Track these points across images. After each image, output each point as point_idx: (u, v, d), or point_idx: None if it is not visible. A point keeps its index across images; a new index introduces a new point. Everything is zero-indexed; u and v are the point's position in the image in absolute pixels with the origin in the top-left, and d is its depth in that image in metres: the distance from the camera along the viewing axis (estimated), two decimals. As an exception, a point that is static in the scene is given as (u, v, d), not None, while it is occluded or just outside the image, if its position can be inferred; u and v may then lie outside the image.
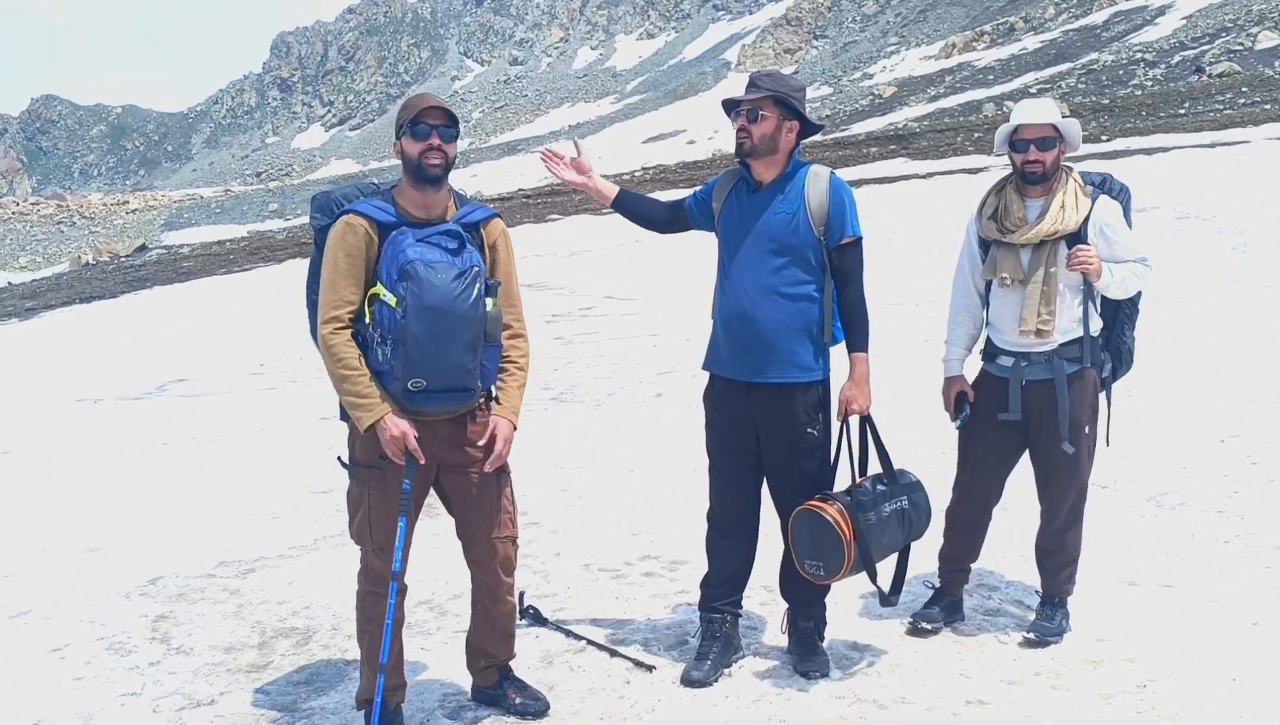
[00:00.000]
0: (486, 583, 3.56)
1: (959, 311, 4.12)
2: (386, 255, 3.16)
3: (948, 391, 4.13)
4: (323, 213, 3.37)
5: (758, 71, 3.81)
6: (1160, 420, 6.53)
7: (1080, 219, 3.81)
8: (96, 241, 53.08)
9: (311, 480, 6.63)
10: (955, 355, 4.12)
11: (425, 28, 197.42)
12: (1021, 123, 3.86)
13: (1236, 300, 9.65)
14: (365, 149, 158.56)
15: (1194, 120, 27.88)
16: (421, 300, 3.09)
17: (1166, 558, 4.60)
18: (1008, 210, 3.91)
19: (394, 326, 3.11)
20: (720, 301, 3.85)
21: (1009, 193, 3.95)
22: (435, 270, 3.12)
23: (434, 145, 3.23)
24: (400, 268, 3.11)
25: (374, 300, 3.16)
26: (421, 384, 3.15)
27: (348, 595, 4.70)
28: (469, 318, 3.17)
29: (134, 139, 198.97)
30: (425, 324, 3.10)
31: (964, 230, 4.13)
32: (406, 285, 3.09)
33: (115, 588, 4.98)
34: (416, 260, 3.11)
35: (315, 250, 3.42)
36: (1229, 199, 15.39)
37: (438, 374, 3.16)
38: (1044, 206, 3.85)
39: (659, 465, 6.47)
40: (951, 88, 73.17)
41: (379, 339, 3.15)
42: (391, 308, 3.11)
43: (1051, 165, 3.84)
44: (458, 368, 3.19)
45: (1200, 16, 67.83)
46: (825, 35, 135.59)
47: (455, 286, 3.14)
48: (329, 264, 3.21)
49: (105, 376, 11.51)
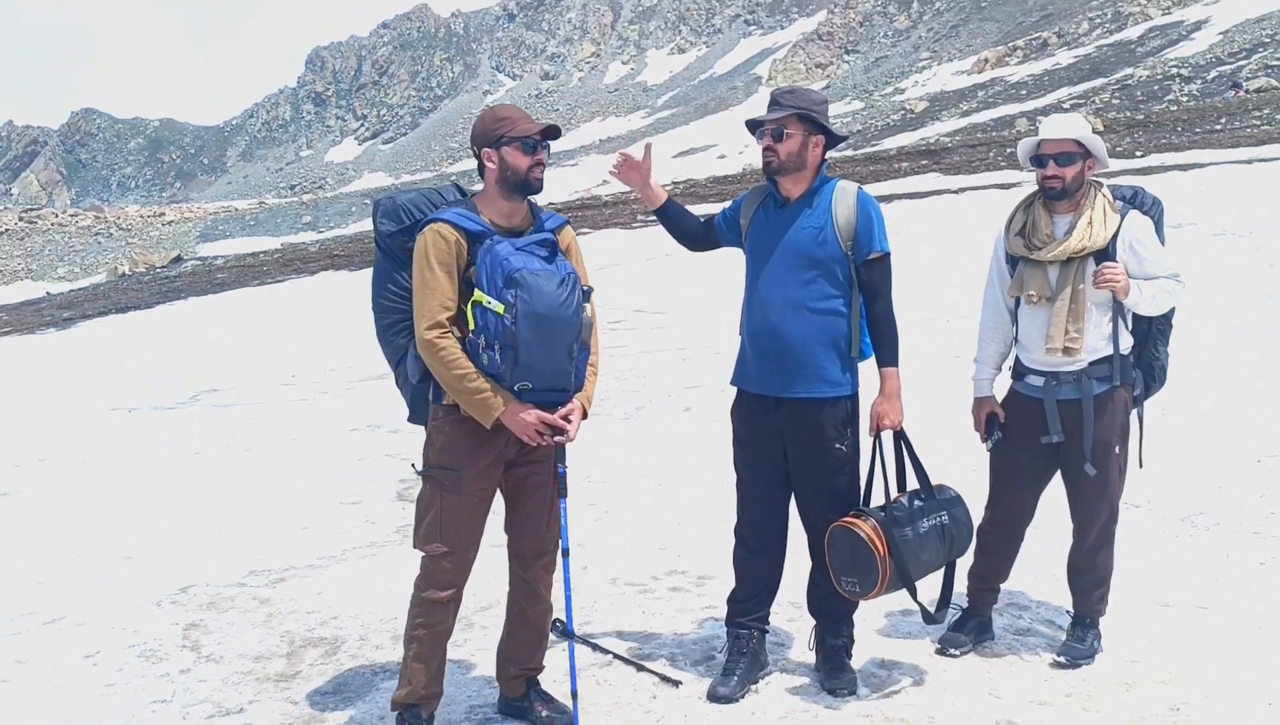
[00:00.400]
0: (527, 579, 3.62)
1: (988, 329, 4.09)
2: (485, 263, 3.23)
3: (978, 412, 4.09)
4: (390, 219, 3.44)
5: (778, 89, 3.81)
6: (1195, 439, 6.45)
7: (1108, 235, 3.75)
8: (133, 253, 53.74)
9: (341, 491, 6.67)
10: (985, 374, 4.09)
11: (458, 42, 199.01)
12: (1042, 138, 3.83)
13: (1273, 317, 9.53)
14: (397, 162, 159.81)
15: (1230, 136, 27.58)
16: (532, 307, 3.19)
17: (1201, 578, 4.54)
18: (1035, 226, 3.87)
19: (502, 332, 3.20)
20: (748, 317, 3.85)
21: (1037, 208, 3.91)
22: (541, 278, 3.23)
23: (541, 160, 3.37)
24: (507, 275, 3.19)
25: (476, 307, 3.23)
26: (528, 386, 3.28)
27: (376, 606, 4.75)
28: (573, 323, 3.30)
29: (171, 152, 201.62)
30: (535, 329, 3.21)
31: (993, 245, 4.10)
32: (515, 292, 3.18)
33: (147, 595, 5.03)
34: (523, 268, 3.21)
35: (381, 256, 3.51)
36: (1266, 215, 15.21)
37: (544, 377, 3.29)
38: (1072, 222, 3.80)
39: (687, 479, 6.46)
40: (984, 102, 72.82)
41: (484, 344, 3.23)
42: (499, 315, 3.19)
43: (1072, 181, 3.79)
44: (561, 371, 3.33)
45: (1237, 31, 67.16)
46: (857, 50, 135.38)
47: (560, 293, 3.26)
48: (422, 271, 3.28)
49: (140, 386, 11.65)
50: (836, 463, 3.75)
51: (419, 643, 3.47)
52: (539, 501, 3.54)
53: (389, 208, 3.47)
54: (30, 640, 4.58)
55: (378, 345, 3.60)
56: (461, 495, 3.37)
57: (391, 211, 3.45)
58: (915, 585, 3.65)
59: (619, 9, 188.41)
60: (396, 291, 3.47)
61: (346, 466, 7.28)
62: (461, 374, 3.26)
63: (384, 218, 3.45)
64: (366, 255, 26.31)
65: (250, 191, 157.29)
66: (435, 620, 3.46)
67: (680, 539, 5.43)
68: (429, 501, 3.42)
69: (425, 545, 3.43)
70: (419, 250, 3.29)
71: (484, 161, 3.37)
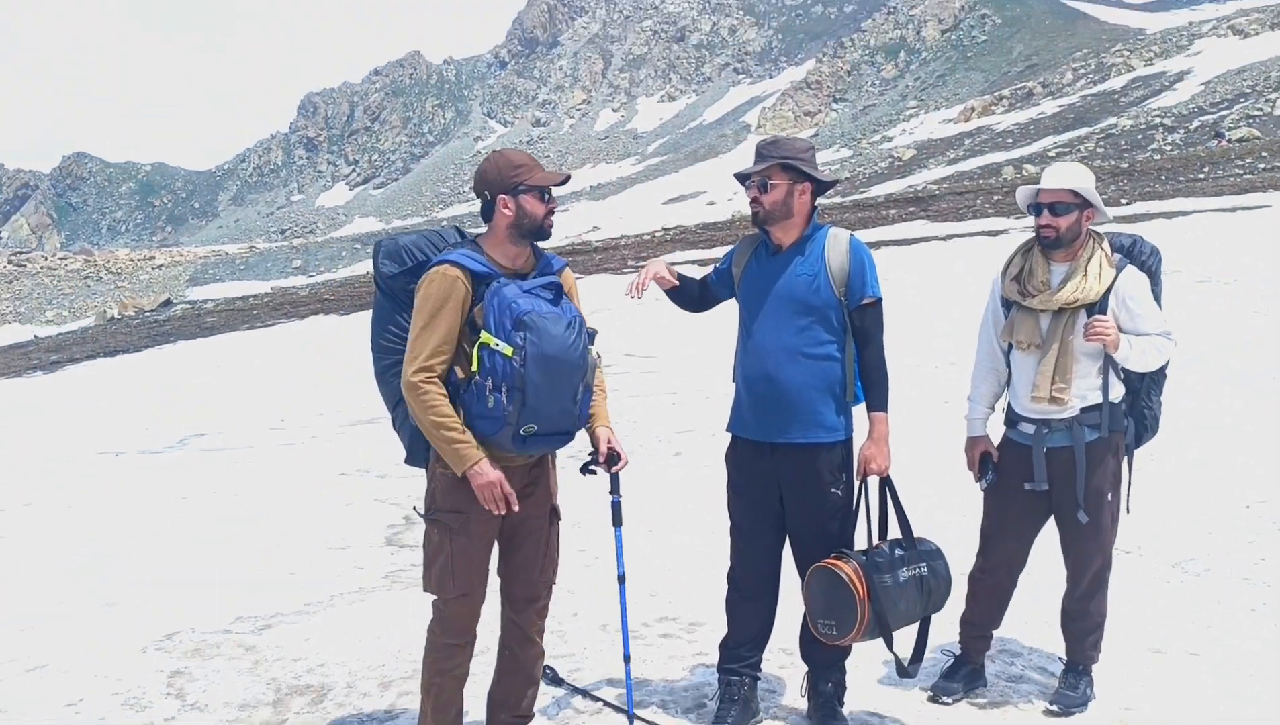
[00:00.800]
0: (519, 623, 3.60)
1: (983, 368, 4.10)
2: (493, 305, 3.24)
3: (971, 451, 4.10)
4: (393, 260, 3.45)
5: (762, 141, 3.87)
6: (1185, 485, 6.46)
7: (1101, 290, 3.75)
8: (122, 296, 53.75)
9: (330, 536, 6.63)
10: (978, 414, 4.10)
11: (450, 89, 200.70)
12: (1040, 187, 3.85)
13: (1260, 364, 9.59)
14: (388, 207, 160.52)
15: (1214, 184, 27.93)
16: (541, 349, 3.20)
17: (1193, 625, 4.54)
18: (1032, 272, 3.88)
19: (510, 374, 3.20)
20: (743, 363, 3.87)
21: (1035, 255, 3.91)
22: (549, 320, 3.25)
23: (554, 207, 3.44)
24: (516, 318, 3.21)
25: (483, 348, 3.23)
26: (533, 429, 3.28)
27: (364, 653, 4.70)
28: (580, 365, 3.33)
29: (162, 196, 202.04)
30: (544, 372, 3.22)
31: (988, 287, 4.11)
32: (524, 335, 3.19)
33: (132, 642, 4.97)
34: (532, 311, 3.23)
35: (381, 296, 3.52)
36: (1249, 263, 15.37)
37: (550, 419, 3.30)
38: (1068, 272, 3.81)
39: (677, 525, 6.44)
40: (970, 151, 73.67)
41: (491, 386, 3.22)
42: (507, 357, 3.19)
43: (1067, 231, 3.78)
44: (567, 413, 3.35)
45: (1218, 82, 68.27)
46: (844, 99, 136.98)
47: (568, 336, 3.28)
48: (425, 312, 3.28)
49: (127, 430, 11.58)
50: (832, 507, 3.76)
51: (438, 690, 3.46)
52: (535, 544, 3.54)
53: (391, 249, 3.48)
54: (11, 688, 4.51)
55: (374, 387, 3.60)
56: (470, 537, 3.37)
57: (394, 252, 3.46)
58: (892, 634, 3.64)
59: (610, 57, 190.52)
60: (397, 332, 3.47)
61: (335, 511, 7.24)
62: (440, 421, 3.25)
63: (386, 259, 3.46)
64: (356, 299, 26.33)
65: (241, 236, 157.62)
66: (454, 664, 3.45)
67: (671, 585, 5.40)
68: (438, 546, 3.40)
69: (439, 590, 3.41)
70: (423, 291, 3.29)
71: (499, 207, 3.37)
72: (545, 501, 3.54)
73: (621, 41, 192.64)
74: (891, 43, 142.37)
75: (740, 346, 3.90)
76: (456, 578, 3.38)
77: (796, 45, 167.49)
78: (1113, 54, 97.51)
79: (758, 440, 3.80)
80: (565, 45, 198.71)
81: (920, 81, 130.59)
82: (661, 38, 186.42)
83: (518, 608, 3.59)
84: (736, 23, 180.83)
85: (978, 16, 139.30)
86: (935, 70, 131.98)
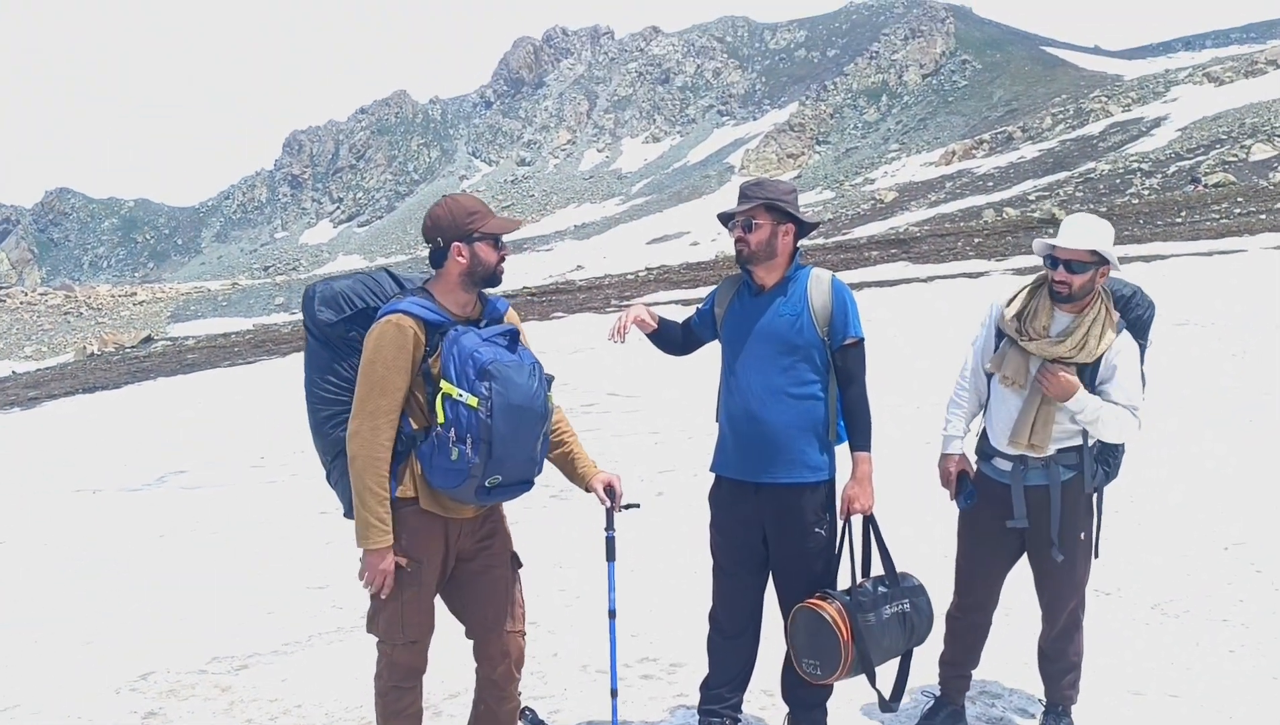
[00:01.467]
0: (494, 679, 3.53)
1: (966, 389, 4.07)
2: (453, 355, 3.15)
3: (946, 467, 4.04)
4: (330, 307, 3.32)
5: (746, 182, 3.90)
6: (1163, 527, 6.50)
7: (1099, 353, 3.72)
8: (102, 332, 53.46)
9: (309, 576, 6.58)
10: (956, 431, 4.06)
11: (435, 128, 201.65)
12: (1057, 245, 3.75)
13: (1236, 407, 9.68)
14: (373, 245, 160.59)
15: (1191, 229, 28.27)
16: (507, 399, 3.13)
17: (1172, 666, 4.54)
18: (1035, 314, 3.83)
19: (475, 426, 3.11)
20: (727, 403, 3.87)
21: (1043, 296, 3.85)
22: (512, 369, 3.18)
23: (505, 254, 3.37)
24: (479, 368, 3.12)
25: (446, 400, 3.13)
26: (499, 480, 3.20)
27: (342, 694, 4.66)
28: (543, 413, 3.27)
29: (145, 232, 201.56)
30: (510, 422, 3.14)
31: (972, 325, 4.10)
32: (489, 385, 3.11)
33: (106, 682, 4.91)
34: (496, 360, 3.15)
35: (317, 345, 3.37)
36: (1226, 306, 15.55)
37: (515, 469, 3.23)
38: (1071, 325, 3.75)
39: (659, 565, 6.42)
40: (952, 193, 74.36)
41: (455, 438, 3.13)
42: (472, 408, 3.10)
43: (1080, 288, 3.72)
44: (531, 461, 3.29)
45: (1195, 128, 69.31)
46: (827, 141, 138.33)
47: (531, 383, 3.21)
48: (377, 364, 3.17)
49: (105, 467, 11.49)
50: (816, 547, 3.77)
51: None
52: (502, 596, 3.48)
53: (327, 295, 3.35)
54: (-17, 729, 4.45)
55: None
56: (421, 586, 3.31)
57: (330, 299, 3.33)
58: (875, 671, 3.64)
59: (595, 98, 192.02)
60: (337, 383, 3.34)
61: (315, 550, 7.19)
62: (377, 493, 3.17)
63: (323, 305, 3.32)
64: (339, 337, 26.23)
65: (224, 272, 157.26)
66: (404, 705, 3.40)
67: (652, 626, 5.38)
68: (391, 594, 3.31)
69: (388, 637, 3.36)
70: (375, 343, 3.18)
71: (452, 254, 3.28)
72: (505, 549, 3.50)
73: (606, 83, 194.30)
74: (874, 86, 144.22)
75: (724, 386, 3.91)
76: (407, 626, 3.33)
77: (780, 88, 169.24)
78: (1091, 100, 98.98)
79: (742, 480, 3.81)
80: (551, 86, 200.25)
81: (902, 125, 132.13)
82: (646, 79, 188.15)
83: (494, 663, 3.52)
84: (720, 65, 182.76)
85: (958, 62, 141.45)
86: (917, 114, 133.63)
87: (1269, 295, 16.07)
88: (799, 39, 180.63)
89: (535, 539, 6.87)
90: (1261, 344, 12.76)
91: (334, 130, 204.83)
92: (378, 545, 3.18)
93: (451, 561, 3.39)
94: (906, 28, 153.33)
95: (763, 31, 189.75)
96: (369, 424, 3.17)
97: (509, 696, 3.56)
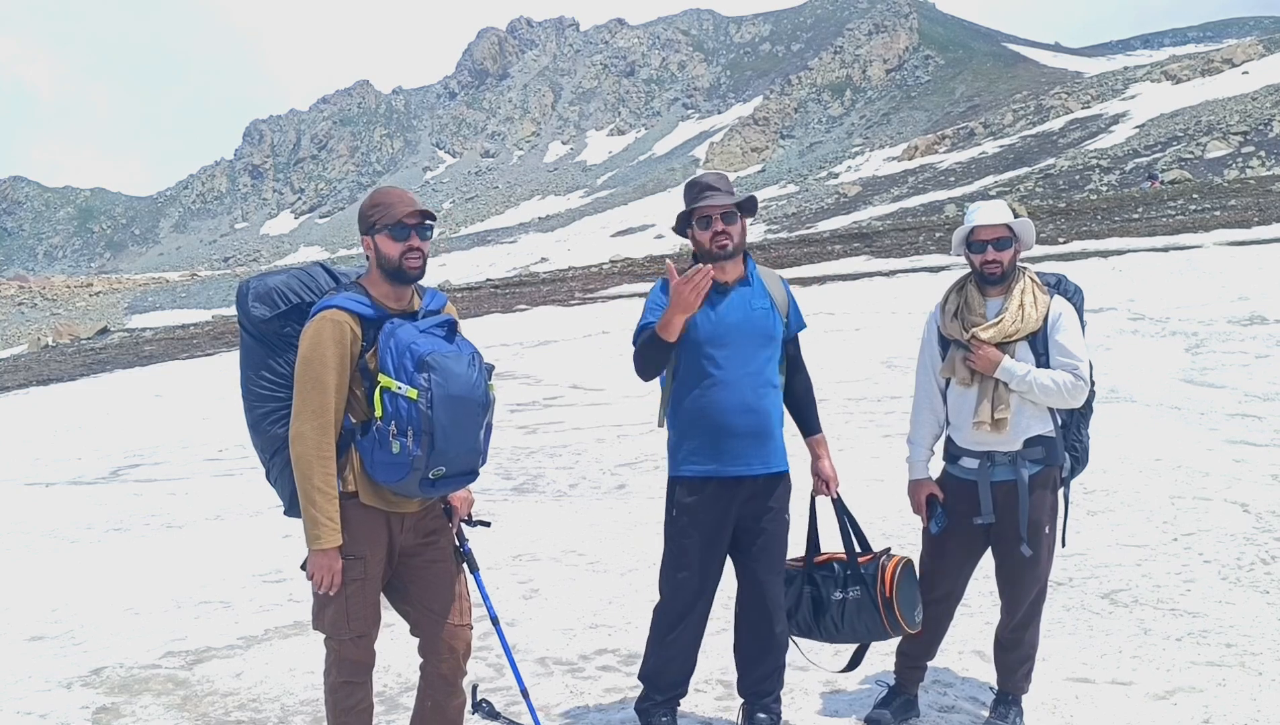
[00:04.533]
0: (442, 673, 3.48)
1: (921, 410, 4.12)
2: (390, 348, 3.11)
3: (916, 494, 4.09)
4: (264, 303, 3.25)
5: (705, 176, 3.88)
6: (1116, 517, 6.60)
7: (1040, 318, 3.83)
8: (57, 323, 52.66)
9: (265, 568, 6.53)
10: (920, 456, 4.10)
11: (399, 119, 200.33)
12: (977, 225, 3.91)
13: (1190, 400, 9.84)
14: (335, 236, 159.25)
15: (1147, 225, 28.66)
16: (447, 390, 3.08)
17: (1120, 654, 4.62)
18: (970, 307, 3.93)
19: (415, 418, 3.06)
20: (711, 400, 3.76)
21: (970, 290, 3.98)
22: (450, 359, 3.13)
23: (414, 246, 3.22)
24: (418, 359, 3.08)
25: (385, 393, 3.10)
26: (442, 471, 3.16)
27: (298, 688, 4.63)
28: (484, 402, 3.22)
29: (101, 222, 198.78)
30: (451, 413, 3.10)
31: (924, 327, 4.16)
32: (428, 376, 3.07)
33: (57, 677, 4.85)
34: (434, 351, 3.11)
35: (252, 341, 3.31)
36: (1182, 301, 15.80)
37: (458, 460, 3.18)
38: (1003, 305, 3.88)
39: (620, 558, 6.43)
40: (914, 188, 74.96)
41: (395, 431, 3.09)
42: (411, 400, 3.06)
43: (1009, 264, 3.88)
44: (474, 452, 3.24)
45: (1152, 126, 70.33)
46: (792, 135, 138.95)
47: (471, 373, 3.16)
48: (315, 361, 3.12)
49: (58, 460, 11.34)
50: (784, 530, 3.91)
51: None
52: (448, 590, 3.44)
53: (261, 290, 3.27)
54: (-71, 725, 4.38)
55: None
56: (366, 580, 3.28)
57: (264, 295, 3.26)
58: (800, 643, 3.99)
59: (559, 90, 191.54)
60: (273, 378, 3.28)
61: (271, 543, 7.13)
62: (324, 491, 3.12)
63: (256, 301, 3.25)
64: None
65: (182, 263, 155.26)
66: (355, 701, 3.37)
67: (611, 618, 5.39)
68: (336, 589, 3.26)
69: (334, 631, 3.32)
70: (312, 340, 3.13)
71: (365, 248, 3.27)
72: (449, 543, 3.47)
73: (571, 75, 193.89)
74: (838, 81, 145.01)
75: (695, 385, 3.80)
76: (352, 620, 3.28)
77: (745, 82, 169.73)
78: (1051, 96, 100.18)
79: (728, 476, 3.78)
80: (515, 77, 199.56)
81: (865, 120, 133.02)
82: (611, 72, 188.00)
83: (440, 658, 3.46)
84: (686, 59, 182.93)
85: (921, 57, 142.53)
86: (880, 109, 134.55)
87: (1223, 291, 16.35)
88: (764, 33, 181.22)
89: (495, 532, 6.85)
90: (1215, 338, 12.98)
91: (295, 120, 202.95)
92: (328, 545, 3.14)
93: (395, 556, 3.35)
94: (870, 23, 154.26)
95: (728, 25, 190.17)
96: (312, 423, 3.13)
97: (457, 691, 3.52)
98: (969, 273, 4.03)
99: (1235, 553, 5.84)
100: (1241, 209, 29.38)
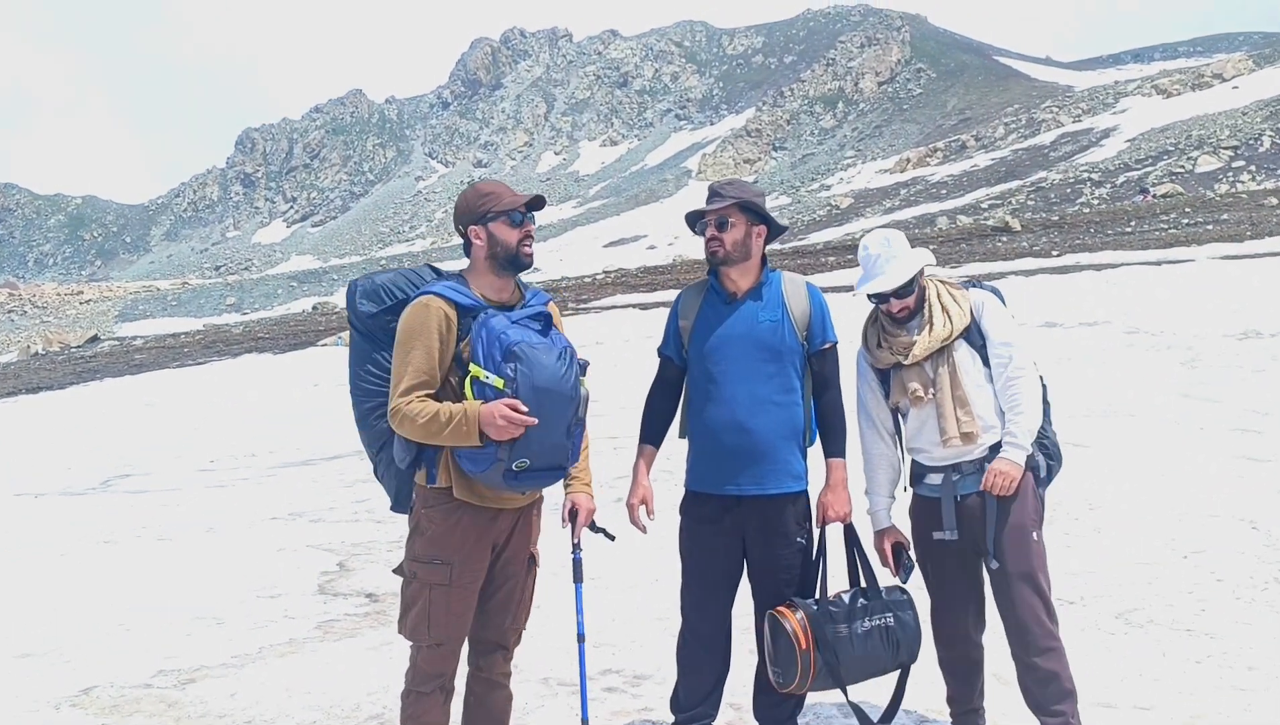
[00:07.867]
0: (483, 668, 3.47)
1: (874, 457, 3.91)
2: (481, 337, 3.13)
3: (881, 545, 3.88)
4: (370, 300, 3.33)
5: (717, 181, 3.80)
6: (1123, 534, 6.50)
7: (965, 314, 3.74)
8: (48, 331, 52.39)
9: (259, 584, 6.40)
10: (880, 505, 3.90)
11: (391, 128, 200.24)
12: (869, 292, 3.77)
13: (1189, 414, 9.77)
14: (326, 246, 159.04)
15: (1140, 238, 28.72)
16: (532, 381, 3.09)
17: (1140, 678, 4.52)
18: (890, 333, 3.81)
19: None
20: (707, 416, 3.71)
21: (884, 321, 3.86)
22: (540, 350, 3.13)
23: (529, 232, 3.32)
24: (505, 349, 3.10)
25: (474, 382, 3.11)
26: (526, 464, 3.12)
27: (294, 709, 4.51)
28: (573, 397, 3.20)
29: (92, 230, 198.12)
30: (536, 404, 3.09)
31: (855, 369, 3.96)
32: (515, 366, 3.08)
33: (45, 697, 4.72)
34: (522, 341, 3.11)
35: (359, 337, 3.38)
36: (1176, 314, 15.76)
37: (543, 453, 3.16)
38: (919, 322, 3.76)
39: (621, 574, 6.31)
40: (906, 200, 75.17)
41: None
42: (499, 389, 3.08)
43: (916, 304, 3.77)
44: (560, 447, 3.22)
45: (1143, 140, 70.65)
46: (784, 147, 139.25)
47: (560, 366, 3.16)
48: (407, 343, 3.16)
49: (48, 470, 11.19)
50: (796, 556, 3.69)
51: None
52: (510, 591, 3.43)
53: (368, 288, 3.36)
54: (-87, 748, 4.25)
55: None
56: (452, 587, 3.24)
57: (371, 292, 3.34)
58: (845, 684, 3.54)
59: (552, 100, 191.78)
60: (378, 373, 3.33)
61: (265, 557, 7.01)
62: (430, 416, 3.10)
63: (364, 298, 3.34)
64: (291, 338, 25.90)
65: (174, 271, 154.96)
66: (421, 711, 3.30)
67: (615, 636, 5.27)
68: (416, 592, 3.27)
69: (413, 636, 3.29)
70: (405, 322, 3.19)
71: (471, 238, 3.31)
72: (524, 547, 3.44)
73: (564, 85, 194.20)
74: (830, 93, 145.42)
75: (697, 399, 3.74)
76: (433, 627, 3.25)
77: (737, 93, 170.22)
78: (1043, 110, 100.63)
79: (728, 494, 3.66)
80: (508, 88, 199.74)
81: (858, 132, 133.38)
82: (604, 83, 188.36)
83: (482, 652, 3.46)
84: (679, 70, 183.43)
85: (913, 70, 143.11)
86: (872, 121, 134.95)
87: (1218, 305, 16.31)
88: (756, 45, 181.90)
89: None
90: (1211, 352, 12.93)
91: (288, 128, 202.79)
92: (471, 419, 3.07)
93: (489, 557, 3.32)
94: (863, 35, 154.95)
95: (720, 37, 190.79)
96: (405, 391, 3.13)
97: (500, 685, 3.51)
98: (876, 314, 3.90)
99: (1247, 571, 5.75)
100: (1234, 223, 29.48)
